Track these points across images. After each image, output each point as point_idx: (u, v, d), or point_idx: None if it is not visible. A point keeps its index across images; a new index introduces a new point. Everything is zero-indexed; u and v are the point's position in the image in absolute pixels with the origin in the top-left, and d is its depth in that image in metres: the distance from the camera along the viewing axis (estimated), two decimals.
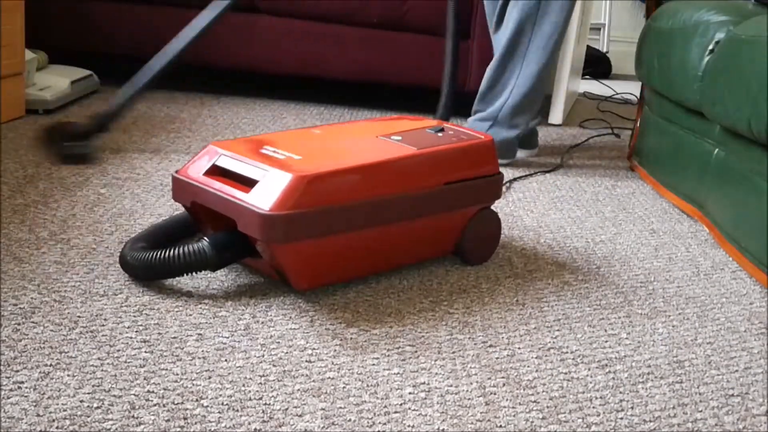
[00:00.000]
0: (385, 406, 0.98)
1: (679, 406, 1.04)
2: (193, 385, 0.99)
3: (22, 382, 0.96)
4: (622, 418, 1.00)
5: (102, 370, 1.00)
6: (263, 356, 1.07)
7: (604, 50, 4.53)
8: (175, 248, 1.21)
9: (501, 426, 0.96)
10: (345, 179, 1.25)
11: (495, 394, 1.03)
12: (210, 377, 1.01)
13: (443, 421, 0.96)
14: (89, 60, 2.72)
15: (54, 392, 0.95)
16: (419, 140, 1.39)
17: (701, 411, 1.03)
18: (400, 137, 1.40)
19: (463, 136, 1.44)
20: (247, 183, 1.22)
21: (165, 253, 1.21)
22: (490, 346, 1.16)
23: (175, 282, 1.27)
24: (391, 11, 2.67)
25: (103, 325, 1.12)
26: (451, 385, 1.04)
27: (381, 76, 2.77)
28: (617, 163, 2.35)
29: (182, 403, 0.95)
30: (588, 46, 3.74)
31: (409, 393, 1.02)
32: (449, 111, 1.88)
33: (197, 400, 0.96)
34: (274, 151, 1.28)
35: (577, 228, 1.72)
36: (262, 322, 1.17)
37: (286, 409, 0.96)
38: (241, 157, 1.26)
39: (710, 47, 1.77)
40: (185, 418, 0.92)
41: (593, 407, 1.02)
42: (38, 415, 0.90)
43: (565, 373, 1.10)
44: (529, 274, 1.44)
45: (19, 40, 2.18)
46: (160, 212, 1.58)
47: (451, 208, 1.40)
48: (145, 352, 1.06)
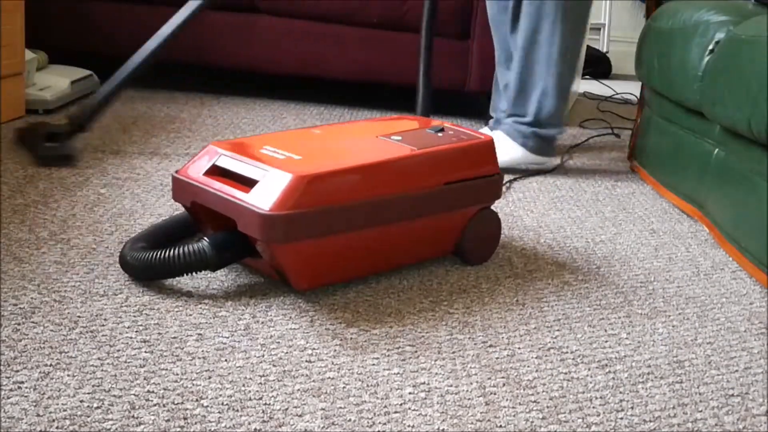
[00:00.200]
0: (385, 406, 0.98)
1: (679, 406, 1.04)
2: (193, 385, 0.99)
3: (22, 382, 0.96)
4: (622, 418, 1.00)
5: (102, 370, 1.00)
6: (263, 356, 1.07)
7: (604, 50, 4.53)
8: (175, 248, 1.21)
9: (501, 426, 0.96)
10: (345, 179, 1.25)
11: (495, 394, 1.03)
12: (210, 377, 1.01)
13: (443, 421, 0.96)
14: (89, 60, 2.72)
15: (54, 392, 0.95)
16: (419, 140, 1.39)
17: (701, 411, 1.03)
18: (400, 137, 1.40)
19: (463, 136, 1.44)
20: (247, 183, 1.22)
21: (165, 253, 1.21)
22: (490, 346, 1.16)
23: (175, 282, 1.27)
24: (391, 11, 2.67)
25: (103, 325, 1.12)
26: (451, 385, 1.04)
27: (381, 76, 2.77)
28: (617, 163, 2.35)
29: (182, 403, 0.95)
30: (588, 46, 3.74)
31: (409, 393, 1.02)
32: (428, 107, 1.87)
33: (197, 400, 0.96)
34: (274, 151, 1.28)
35: (577, 228, 1.72)
36: (262, 322, 1.17)
37: (286, 409, 0.96)
38: (241, 157, 1.26)
39: (710, 47, 1.77)
40: (185, 418, 0.92)
41: (593, 407, 1.02)
42: (38, 415, 0.90)
43: (565, 373, 1.10)
44: (529, 274, 1.44)
45: (19, 40, 2.18)
46: (160, 212, 1.58)
47: (451, 208, 1.40)
48: (145, 352, 1.06)
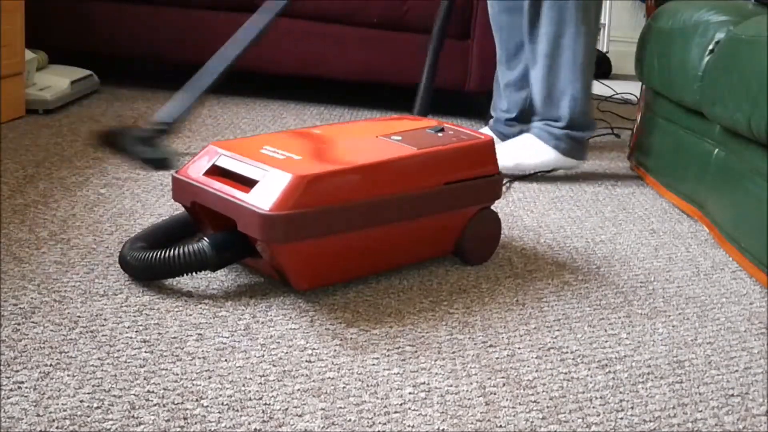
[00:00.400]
0: (385, 406, 0.98)
1: (679, 406, 1.04)
2: (193, 385, 0.99)
3: (22, 382, 0.96)
4: (622, 418, 1.00)
5: (102, 370, 1.00)
6: (263, 356, 1.07)
7: (604, 50, 4.53)
8: (175, 248, 1.21)
9: (501, 426, 0.96)
10: (345, 179, 1.25)
11: (495, 394, 1.03)
12: (210, 377, 1.01)
13: (443, 421, 0.96)
14: (89, 60, 2.72)
15: (54, 392, 0.95)
16: (419, 140, 1.39)
17: (701, 411, 1.03)
18: (400, 137, 1.40)
19: (463, 136, 1.44)
20: (247, 183, 1.22)
21: (165, 254, 1.21)
22: (490, 346, 1.16)
23: (175, 282, 1.27)
24: (391, 11, 2.67)
25: (103, 325, 1.12)
26: (451, 385, 1.04)
27: (381, 76, 2.77)
28: (617, 163, 2.35)
29: (182, 403, 0.95)
30: None
31: (409, 393, 1.02)
32: (427, 107, 1.87)
33: (197, 400, 0.96)
34: (274, 151, 1.28)
35: (577, 228, 1.72)
36: (262, 322, 1.17)
37: (286, 409, 0.96)
38: (241, 157, 1.26)
39: (710, 47, 1.77)
40: (185, 418, 0.92)
41: (593, 407, 1.02)
42: (38, 415, 0.90)
43: (565, 373, 1.10)
44: (529, 274, 1.44)
45: (19, 40, 2.18)
46: (160, 212, 1.58)
47: (451, 208, 1.40)
48: (145, 352, 1.06)
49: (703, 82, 1.75)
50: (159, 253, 1.21)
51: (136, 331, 1.11)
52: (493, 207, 1.50)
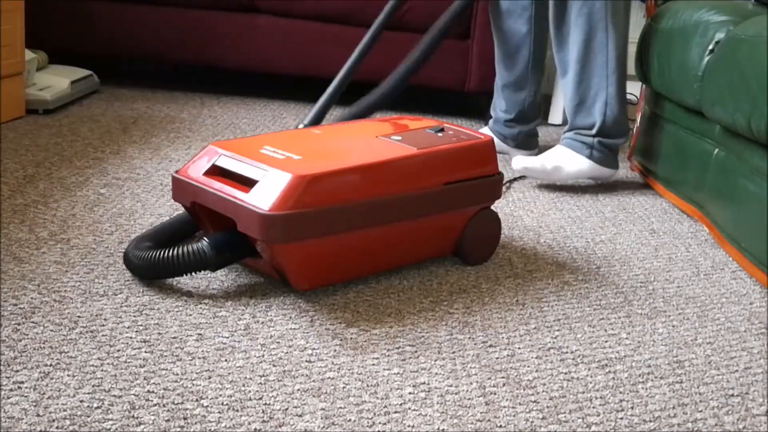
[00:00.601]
0: (385, 406, 0.98)
1: (679, 406, 1.04)
2: (193, 385, 0.99)
3: (22, 382, 0.96)
4: (622, 418, 1.00)
5: (102, 370, 1.00)
6: (263, 356, 1.07)
7: None
8: (175, 248, 1.21)
9: (501, 426, 0.96)
10: (345, 179, 1.25)
11: (495, 394, 1.03)
12: (210, 377, 1.01)
13: (443, 421, 0.96)
14: (89, 60, 2.72)
15: (54, 392, 0.95)
16: (419, 140, 1.39)
17: (701, 411, 1.03)
18: (400, 137, 1.40)
19: (463, 136, 1.44)
20: (247, 183, 1.22)
21: (165, 253, 1.21)
22: (490, 346, 1.16)
23: (175, 282, 1.27)
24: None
25: (103, 325, 1.12)
26: (451, 385, 1.04)
27: (381, 76, 2.76)
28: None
29: (182, 403, 0.95)
30: None
31: (409, 393, 1.02)
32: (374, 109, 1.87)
33: (197, 400, 0.96)
34: (273, 151, 1.28)
35: (577, 228, 1.72)
36: (262, 322, 1.17)
37: (286, 409, 0.96)
38: (240, 157, 1.26)
39: (710, 47, 1.77)
40: (185, 418, 0.92)
41: (593, 407, 1.02)
42: (38, 415, 0.90)
43: (565, 373, 1.10)
44: (529, 274, 1.44)
45: (19, 40, 2.18)
46: (160, 212, 1.58)
47: (451, 208, 1.40)
48: (145, 352, 1.06)
49: (703, 82, 1.75)
50: (159, 253, 1.21)
51: (136, 331, 1.11)
52: (493, 207, 1.50)
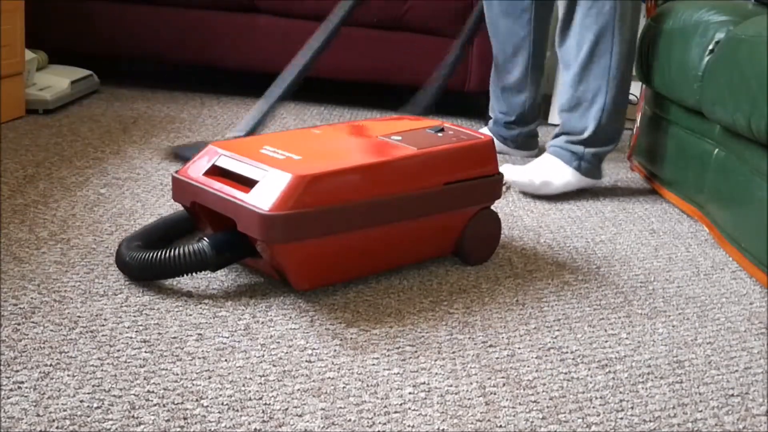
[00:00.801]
0: (385, 406, 0.98)
1: (679, 406, 1.04)
2: (193, 385, 0.99)
3: (22, 382, 0.96)
4: (622, 418, 1.00)
5: (102, 370, 1.00)
6: (263, 356, 1.07)
7: None
8: (175, 248, 1.21)
9: (501, 426, 0.96)
10: (345, 179, 1.25)
11: (495, 394, 1.03)
12: (210, 377, 1.01)
13: (443, 421, 0.96)
14: (89, 60, 2.72)
15: (54, 392, 0.95)
16: (419, 140, 1.39)
17: (701, 411, 1.03)
18: (400, 137, 1.40)
19: (463, 136, 1.44)
20: (247, 183, 1.22)
21: (164, 254, 1.21)
22: (490, 346, 1.16)
23: (175, 282, 1.27)
24: (391, 11, 2.67)
25: (103, 325, 1.12)
26: (451, 385, 1.04)
27: (381, 76, 2.77)
28: (617, 163, 2.35)
29: (182, 403, 0.95)
30: None
31: (409, 393, 1.02)
32: (430, 109, 1.85)
33: (197, 400, 0.96)
34: (273, 151, 1.28)
35: (577, 228, 1.72)
36: (262, 322, 1.17)
37: (286, 409, 0.96)
38: (240, 157, 1.26)
39: (710, 47, 1.77)
40: (185, 418, 0.92)
41: (593, 407, 1.02)
42: (38, 415, 0.90)
43: (565, 373, 1.10)
44: (529, 274, 1.44)
45: (19, 40, 2.18)
46: (160, 212, 1.58)
47: (451, 208, 1.40)
48: (145, 352, 1.06)
49: (703, 82, 1.75)
50: (158, 254, 1.21)
51: (136, 331, 1.11)
52: (493, 207, 1.50)
